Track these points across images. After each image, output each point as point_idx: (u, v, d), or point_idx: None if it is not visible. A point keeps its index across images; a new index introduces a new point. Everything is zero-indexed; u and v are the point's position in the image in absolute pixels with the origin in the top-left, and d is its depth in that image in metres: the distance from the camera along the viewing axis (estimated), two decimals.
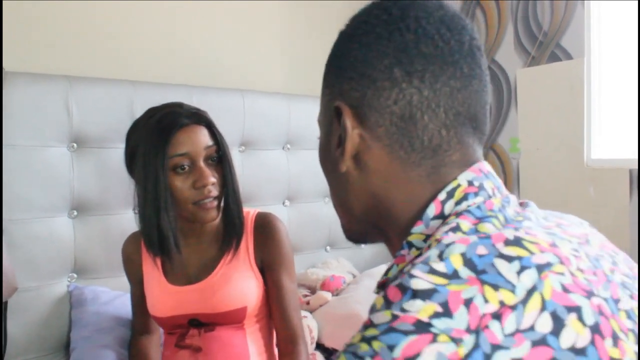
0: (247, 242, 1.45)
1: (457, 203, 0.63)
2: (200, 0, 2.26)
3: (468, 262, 0.53)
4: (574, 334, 0.50)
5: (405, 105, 0.63)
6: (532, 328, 0.49)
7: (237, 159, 2.11)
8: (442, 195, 0.63)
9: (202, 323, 1.41)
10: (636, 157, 2.11)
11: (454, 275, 0.52)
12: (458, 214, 0.61)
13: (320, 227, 2.44)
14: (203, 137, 1.34)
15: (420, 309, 0.50)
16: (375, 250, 2.63)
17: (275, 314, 1.43)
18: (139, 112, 1.87)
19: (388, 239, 0.70)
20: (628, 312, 0.55)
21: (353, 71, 0.66)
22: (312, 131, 2.40)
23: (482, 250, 0.54)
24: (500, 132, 2.64)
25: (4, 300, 1.58)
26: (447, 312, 0.50)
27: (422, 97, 0.63)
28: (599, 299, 0.53)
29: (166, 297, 1.42)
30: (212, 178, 1.33)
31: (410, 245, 0.63)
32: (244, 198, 2.11)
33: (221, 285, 1.39)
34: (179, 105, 1.37)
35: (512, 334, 0.49)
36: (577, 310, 0.51)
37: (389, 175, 0.66)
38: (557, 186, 2.40)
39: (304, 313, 1.95)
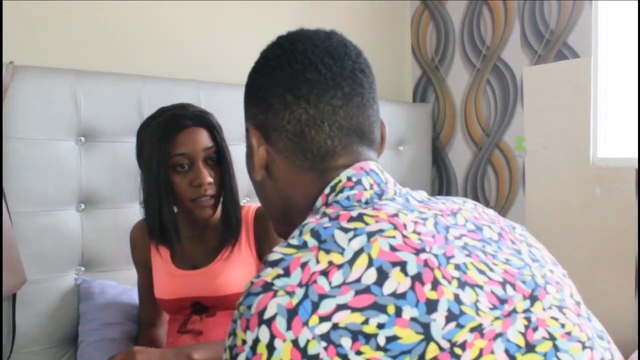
0: (248, 234, 1.54)
1: (337, 194, 0.77)
2: None
3: (315, 234, 0.67)
4: (396, 283, 0.62)
5: (296, 123, 0.79)
6: (358, 280, 0.62)
7: (243, 154, 2.11)
8: (327, 190, 0.78)
9: (204, 308, 1.48)
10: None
11: (302, 246, 0.66)
12: (328, 205, 0.77)
13: None
14: (202, 139, 1.44)
15: (268, 274, 0.64)
16: None
17: None
18: (147, 107, 1.90)
19: None
20: (458, 265, 0.66)
21: (257, 97, 0.83)
22: None
23: (327, 224, 0.68)
24: (506, 131, 2.64)
25: (13, 292, 1.60)
26: (286, 274, 0.64)
27: (309, 116, 0.78)
28: (428, 255, 0.65)
29: (171, 280, 1.50)
30: (209, 178, 1.42)
31: None
32: (249, 193, 2.13)
33: (223, 270, 1.48)
34: (184, 107, 1.47)
35: (339, 286, 0.61)
36: (401, 264, 0.63)
37: (290, 180, 0.82)
38: (563, 185, 2.40)
39: None
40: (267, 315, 0.61)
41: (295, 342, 0.60)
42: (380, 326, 0.60)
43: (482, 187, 2.79)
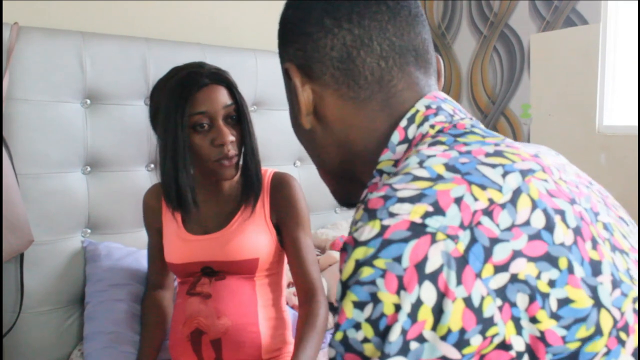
0: (263, 199, 1.49)
1: (419, 126, 0.66)
2: None
3: (451, 168, 0.55)
4: (562, 233, 0.52)
5: (341, 47, 0.68)
6: (527, 223, 0.51)
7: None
8: (403, 122, 0.67)
9: (214, 271, 1.46)
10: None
11: (438, 178, 0.54)
12: (434, 136, 0.64)
13: None
14: (222, 97, 1.38)
15: (411, 211, 0.51)
16: None
17: (294, 269, 1.48)
18: (152, 70, 1.89)
19: (365, 186, 0.71)
20: (605, 224, 0.58)
21: (292, 34, 0.72)
22: None
23: (464, 159, 0.56)
24: (512, 98, 2.63)
25: (20, 252, 1.61)
26: (438, 211, 0.50)
27: (354, 36, 0.67)
28: (580, 207, 0.56)
29: (182, 244, 1.47)
30: (230, 136, 1.37)
31: (381, 172, 0.67)
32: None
33: (235, 235, 1.45)
34: (200, 65, 1.41)
35: (509, 228, 0.50)
36: (561, 212, 0.53)
37: (346, 119, 0.70)
38: (568, 152, 2.36)
39: None
40: (430, 267, 0.48)
41: (468, 301, 0.48)
42: (552, 284, 0.49)
43: None
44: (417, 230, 0.49)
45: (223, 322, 1.40)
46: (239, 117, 1.42)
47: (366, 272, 0.49)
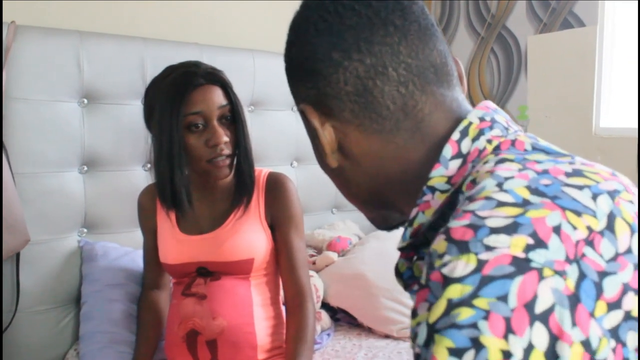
0: (258, 199, 1.49)
1: (474, 140, 0.61)
2: None
3: (535, 191, 0.49)
4: None
5: (355, 80, 0.63)
6: (630, 250, 0.47)
7: (246, 118, 2.12)
8: (455, 135, 0.61)
9: (209, 272, 1.46)
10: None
11: (525, 203, 0.48)
12: (495, 153, 0.59)
13: (327, 189, 2.45)
14: (217, 97, 1.38)
15: (510, 244, 0.45)
16: None
17: (283, 270, 1.48)
18: (149, 69, 1.89)
19: (404, 213, 0.68)
20: None
21: (300, 73, 0.68)
22: None
23: (545, 181, 0.51)
24: (509, 99, 2.63)
25: (16, 251, 1.61)
26: (540, 243, 0.45)
27: (367, 66, 0.62)
28: None
29: (177, 245, 1.47)
30: (225, 137, 1.37)
31: (433, 189, 0.61)
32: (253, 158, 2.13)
33: (230, 235, 1.45)
34: (195, 65, 1.41)
35: (614, 259, 0.46)
36: None
37: (375, 152, 0.65)
38: None
39: (310, 272, 1.97)
40: (541, 307, 0.43)
41: (586, 345, 0.43)
42: None
43: None
44: (521, 265, 0.44)
45: (218, 322, 1.40)
46: (234, 118, 1.42)
47: (465, 314, 0.43)
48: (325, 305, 2.03)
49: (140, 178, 1.92)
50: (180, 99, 1.34)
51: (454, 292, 0.44)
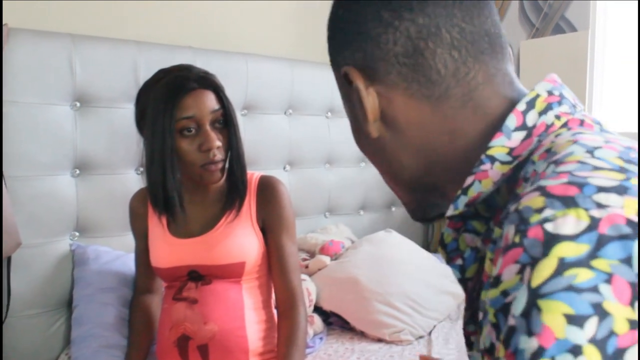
0: (250, 202, 1.49)
1: (541, 113, 0.57)
2: None
3: (629, 162, 0.45)
4: None
5: (406, 40, 0.59)
6: None
7: (239, 122, 2.11)
8: (521, 106, 0.58)
9: (200, 276, 1.46)
10: (637, 131, 2.12)
11: (623, 170, 0.44)
12: (568, 128, 0.55)
13: (320, 193, 2.46)
14: (209, 101, 1.38)
15: (623, 204, 0.40)
16: (374, 217, 2.66)
17: (275, 275, 1.48)
18: (142, 73, 1.89)
19: (446, 195, 0.65)
20: None
21: (347, 35, 0.64)
22: (315, 97, 2.41)
23: (633, 154, 0.47)
24: None
25: (8, 255, 1.60)
26: None
27: (419, 26, 0.58)
28: None
29: (168, 248, 1.47)
30: (217, 142, 1.37)
31: (492, 159, 0.57)
32: (246, 162, 2.13)
33: (221, 239, 1.44)
34: (188, 69, 1.40)
35: None
36: None
37: (421, 120, 0.61)
38: None
39: (302, 276, 1.97)
40: None
41: None
42: None
43: None
44: (636, 229, 0.39)
45: (210, 327, 1.40)
46: (226, 122, 1.42)
47: (582, 276, 0.38)
48: (317, 309, 2.03)
49: (133, 182, 1.91)
50: (172, 103, 1.33)
51: (567, 250, 0.39)
